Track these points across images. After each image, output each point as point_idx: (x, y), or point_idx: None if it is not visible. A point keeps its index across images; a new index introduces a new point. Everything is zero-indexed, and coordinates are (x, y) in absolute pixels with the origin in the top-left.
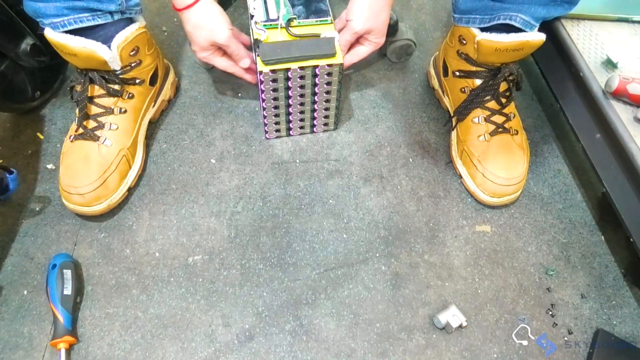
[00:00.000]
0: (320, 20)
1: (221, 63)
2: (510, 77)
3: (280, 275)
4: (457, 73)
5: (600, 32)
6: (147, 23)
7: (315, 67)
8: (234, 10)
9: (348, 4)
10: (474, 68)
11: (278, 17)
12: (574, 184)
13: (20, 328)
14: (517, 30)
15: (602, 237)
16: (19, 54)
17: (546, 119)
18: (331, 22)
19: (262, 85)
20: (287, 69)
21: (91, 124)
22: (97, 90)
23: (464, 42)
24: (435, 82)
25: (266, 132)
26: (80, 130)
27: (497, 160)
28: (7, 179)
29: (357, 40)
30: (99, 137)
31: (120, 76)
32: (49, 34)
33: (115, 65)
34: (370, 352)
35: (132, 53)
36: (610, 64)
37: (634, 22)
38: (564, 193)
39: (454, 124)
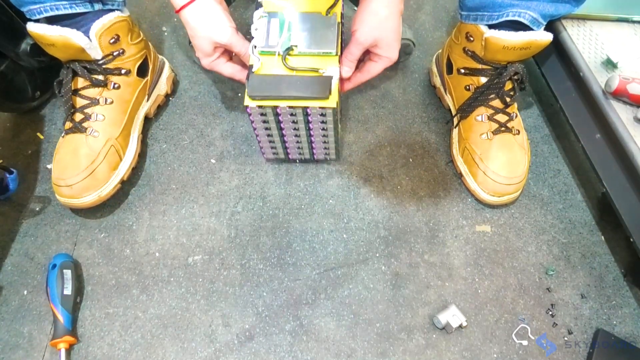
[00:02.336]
0: (323, 52)
1: (227, 70)
2: (516, 77)
3: (280, 275)
4: (463, 70)
5: (600, 32)
6: (147, 23)
7: (306, 107)
8: (234, 10)
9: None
10: (480, 66)
11: (277, 44)
12: (574, 184)
13: (20, 328)
14: (524, 29)
15: (602, 237)
16: (19, 54)
17: (546, 119)
18: (336, 55)
19: (250, 117)
20: (275, 106)
21: (78, 116)
22: (81, 82)
23: (471, 39)
24: (437, 80)
25: (263, 153)
26: (69, 124)
27: (498, 159)
28: (7, 179)
29: (369, 57)
30: (86, 128)
31: (103, 66)
32: (30, 26)
33: (96, 54)
34: (370, 352)
35: (112, 41)
36: (610, 64)
37: (634, 22)
38: (564, 193)
39: (456, 122)
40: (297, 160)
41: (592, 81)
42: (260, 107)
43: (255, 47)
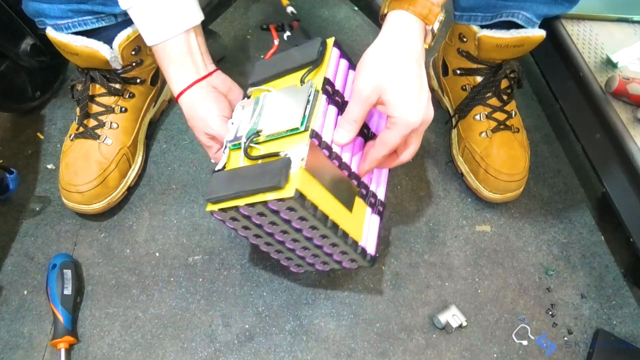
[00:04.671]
0: (288, 130)
1: None
2: (512, 75)
3: (280, 275)
4: (458, 71)
5: (600, 32)
6: None
7: (266, 202)
8: (234, 11)
9: None
10: (474, 65)
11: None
12: (574, 184)
13: (20, 328)
14: (517, 27)
15: (602, 237)
16: (19, 54)
17: (546, 119)
18: (305, 130)
19: (227, 224)
20: (236, 207)
21: (92, 122)
22: (98, 89)
23: (465, 39)
24: (434, 83)
25: (287, 266)
26: (81, 129)
27: (499, 157)
28: (7, 179)
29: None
30: (99, 135)
31: (122, 75)
32: (51, 33)
33: (117, 64)
34: (370, 352)
35: (133, 52)
36: (610, 64)
37: (634, 22)
38: (564, 193)
39: (454, 122)
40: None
41: (592, 81)
42: (223, 210)
43: (227, 142)
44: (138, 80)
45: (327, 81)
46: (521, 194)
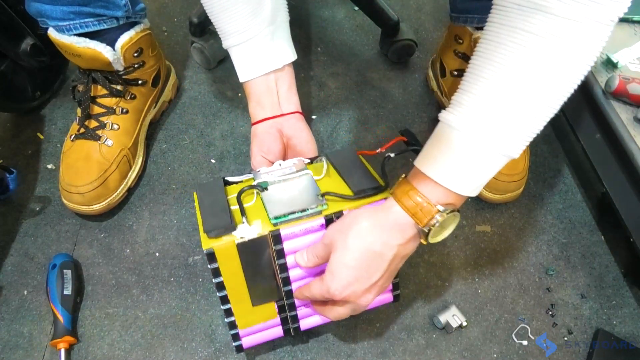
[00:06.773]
0: (267, 211)
1: None
2: None
3: None
4: (455, 72)
5: None
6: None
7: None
8: None
9: None
10: None
11: (266, 177)
12: (574, 184)
13: (20, 328)
14: None
15: (602, 237)
16: (19, 54)
17: None
18: (272, 223)
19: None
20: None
21: (93, 123)
22: (99, 90)
23: (460, 41)
24: (434, 84)
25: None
26: (82, 130)
27: None
28: (7, 179)
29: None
30: (100, 136)
31: (124, 77)
32: (54, 34)
33: (119, 66)
34: (370, 352)
35: (135, 54)
36: (610, 64)
37: (634, 22)
38: (564, 193)
39: None
40: None
41: (592, 81)
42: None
43: (255, 172)
44: (140, 82)
45: (339, 215)
46: (521, 194)
